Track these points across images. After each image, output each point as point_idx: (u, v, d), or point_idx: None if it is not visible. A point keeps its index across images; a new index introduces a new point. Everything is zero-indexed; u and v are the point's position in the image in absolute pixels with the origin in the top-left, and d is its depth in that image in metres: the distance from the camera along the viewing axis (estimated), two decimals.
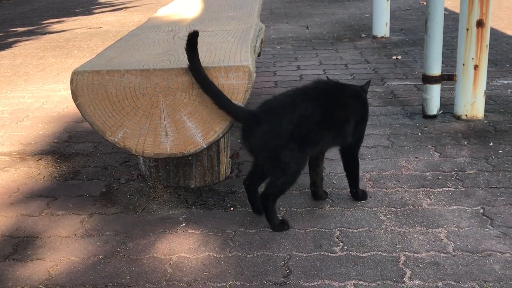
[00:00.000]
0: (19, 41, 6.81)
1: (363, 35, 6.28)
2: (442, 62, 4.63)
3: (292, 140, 2.16)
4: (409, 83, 4.31)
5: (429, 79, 3.42)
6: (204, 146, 2.29)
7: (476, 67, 3.32)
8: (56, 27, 7.84)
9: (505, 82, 4.23)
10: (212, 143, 2.30)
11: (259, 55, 3.63)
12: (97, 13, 9.23)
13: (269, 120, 2.17)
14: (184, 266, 2.04)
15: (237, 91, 2.24)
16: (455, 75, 3.41)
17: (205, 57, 2.36)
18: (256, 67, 5.03)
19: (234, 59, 2.32)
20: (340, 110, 2.28)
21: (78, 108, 2.27)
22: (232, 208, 2.46)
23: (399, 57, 5.17)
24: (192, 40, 2.14)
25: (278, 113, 2.17)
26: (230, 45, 2.60)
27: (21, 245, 2.23)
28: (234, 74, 2.22)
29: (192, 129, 2.26)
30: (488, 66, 4.16)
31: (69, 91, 2.30)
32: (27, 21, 8.48)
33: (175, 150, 2.29)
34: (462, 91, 3.39)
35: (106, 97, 2.25)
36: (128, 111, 2.26)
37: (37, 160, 3.06)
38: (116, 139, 2.28)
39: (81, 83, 2.24)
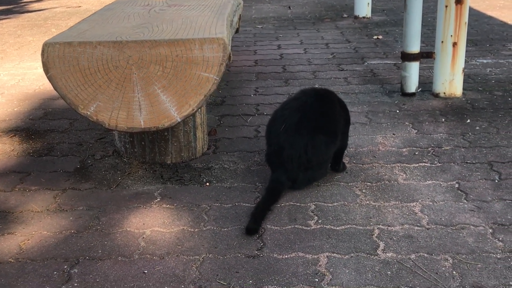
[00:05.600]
0: None
1: (345, 15, 6.25)
2: (423, 42, 4.65)
3: None
4: (389, 62, 4.30)
5: (407, 57, 3.41)
6: (179, 120, 2.26)
7: (454, 44, 3.32)
8: (35, 6, 7.71)
9: (485, 61, 4.24)
10: (187, 117, 2.27)
11: (237, 31, 3.60)
12: None
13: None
14: (157, 240, 2.03)
15: (212, 63, 2.21)
16: (434, 52, 3.40)
17: (180, 30, 2.33)
18: (236, 46, 5.01)
19: (209, 31, 2.29)
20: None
21: (49, 80, 2.23)
22: (208, 184, 2.45)
23: (380, 36, 5.16)
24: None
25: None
26: (206, 18, 2.56)
27: None
28: (209, 47, 2.19)
29: (166, 103, 2.23)
30: (468, 46, 4.17)
31: None
32: (4, 0, 8.32)
33: (149, 124, 2.26)
34: (440, 69, 3.39)
35: (78, 70, 2.21)
36: (100, 84, 2.22)
37: (11, 137, 3.01)
38: (89, 113, 2.25)
39: (52, 55, 2.19)
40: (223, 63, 2.21)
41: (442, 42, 3.34)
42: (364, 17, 5.99)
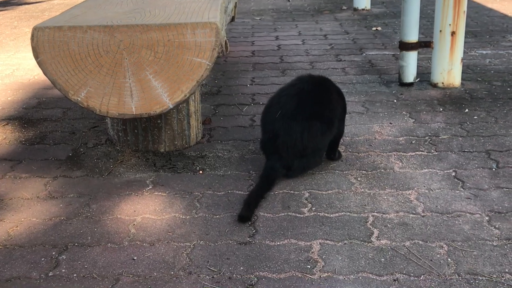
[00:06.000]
0: None
1: (344, 8, 6.21)
2: (422, 34, 4.61)
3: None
4: (387, 53, 4.26)
5: (405, 46, 3.37)
6: (171, 106, 2.23)
7: (453, 33, 3.27)
8: None
9: (484, 52, 4.19)
10: (179, 103, 2.23)
11: (233, 19, 3.56)
12: None
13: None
14: (148, 227, 1.99)
15: (204, 49, 2.17)
16: (432, 42, 3.36)
17: (172, 15, 2.29)
18: (234, 37, 4.97)
19: (202, 16, 2.25)
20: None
21: (39, 66, 2.19)
22: (201, 172, 2.41)
23: (379, 28, 5.11)
24: None
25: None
26: (200, 4, 2.53)
27: None
28: (201, 31, 2.15)
29: (158, 89, 2.20)
30: (467, 37, 4.13)
31: None
32: None
33: (140, 111, 2.23)
34: (438, 58, 3.35)
35: (68, 55, 2.17)
36: (91, 69, 2.18)
37: (4, 125, 2.98)
38: (79, 99, 2.21)
39: (42, 40, 2.16)
40: (216, 48, 2.17)
41: (440, 31, 3.30)
42: (363, 9, 5.94)
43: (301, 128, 2.23)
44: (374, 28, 5.10)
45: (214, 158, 2.53)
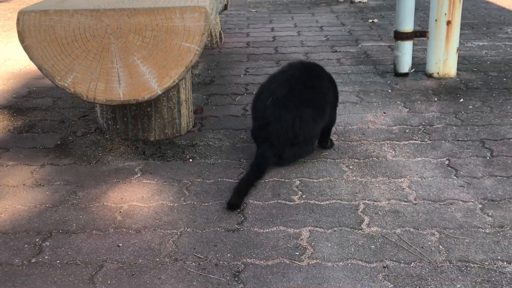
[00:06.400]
0: None
1: (341, 0, 6.16)
2: (418, 25, 4.57)
3: None
4: (383, 44, 4.22)
5: (400, 36, 3.33)
6: (159, 92, 2.19)
7: (448, 23, 3.23)
8: None
9: (480, 43, 4.15)
10: (168, 89, 2.19)
11: (226, 8, 3.51)
12: None
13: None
14: (134, 214, 1.96)
15: (193, 33, 2.13)
16: (428, 31, 3.32)
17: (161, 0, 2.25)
18: (229, 28, 4.92)
19: (191, 0, 2.21)
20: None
21: (25, 50, 2.15)
22: (191, 160, 2.37)
23: (375, 20, 5.07)
24: None
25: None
26: None
27: None
28: (190, 16, 2.11)
29: (146, 74, 2.16)
30: (464, 29, 4.09)
31: None
32: None
33: (128, 97, 2.19)
34: (434, 48, 3.31)
35: (54, 39, 2.13)
36: (78, 54, 2.14)
37: None
38: (66, 84, 2.17)
39: (27, 24, 2.12)
40: (205, 32, 2.13)
41: (436, 20, 3.26)
42: (360, 2, 5.91)
43: (292, 116, 2.20)
44: (370, 20, 5.06)
45: (205, 147, 2.50)
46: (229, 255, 1.72)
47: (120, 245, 1.78)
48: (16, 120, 2.85)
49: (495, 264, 1.65)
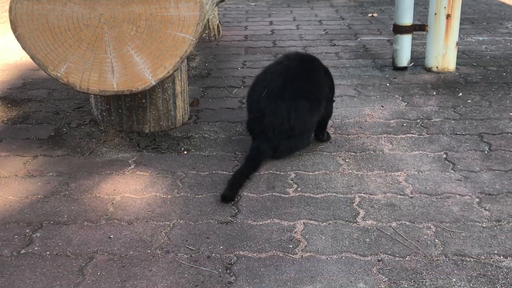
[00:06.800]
0: None
1: None
2: (418, 20, 4.54)
3: None
4: (382, 38, 4.19)
5: (399, 29, 3.30)
6: (154, 83, 2.16)
7: (448, 16, 3.20)
8: None
9: (480, 38, 4.12)
10: (162, 80, 2.17)
11: (223, 0, 3.48)
12: None
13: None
14: (127, 206, 1.93)
15: (188, 23, 2.10)
16: (427, 25, 3.29)
17: None
18: (227, 21, 4.89)
19: None
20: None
21: (17, 40, 2.12)
22: (185, 152, 2.35)
23: (375, 14, 5.04)
24: None
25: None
26: None
27: None
28: (185, 5, 2.08)
29: (140, 65, 2.13)
30: (464, 24, 4.06)
31: None
32: None
33: (122, 87, 2.16)
34: (433, 42, 3.28)
35: (47, 28, 2.10)
36: (71, 44, 2.11)
37: None
38: (59, 74, 2.14)
39: (20, 12, 2.09)
40: (200, 22, 2.10)
41: (435, 14, 3.23)
42: None
43: (287, 107, 2.17)
44: (370, 14, 5.03)
45: (200, 139, 2.47)
46: (221, 247, 1.69)
47: (112, 236, 1.75)
48: (10, 111, 2.82)
49: (491, 258, 1.62)
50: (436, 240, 1.71)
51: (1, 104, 2.93)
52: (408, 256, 1.64)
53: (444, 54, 3.28)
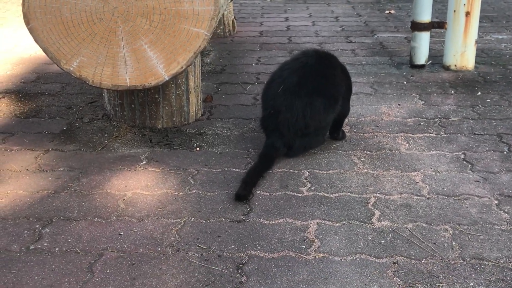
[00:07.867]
0: None
1: None
2: (436, 17, 4.46)
3: None
4: (399, 35, 4.13)
5: (418, 26, 3.24)
6: (167, 78, 2.13)
7: (467, 14, 3.14)
8: None
9: (500, 37, 4.05)
10: (175, 75, 2.13)
11: None
12: None
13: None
14: (138, 202, 1.90)
15: (202, 18, 2.06)
16: (446, 22, 3.23)
17: None
18: (242, 17, 4.85)
19: None
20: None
21: (30, 33, 2.10)
22: (198, 149, 2.32)
23: (392, 11, 4.97)
24: None
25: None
26: None
27: None
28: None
29: (154, 59, 2.10)
30: (483, 22, 3.98)
31: None
32: None
33: (135, 82, 2.13)
34: (452, 40, 3.21)
35: (60, 21, 2.08)
36: (84, 38, 2.09)
37: (0, 99, 2.90)
38: (72, 68, 2.12)
39: (33, 5, 2.07)
40: (215, 17, 2.07)
41: (454, 11, 3.16)
42: None
43: (303, 104, 2.13)
44: (387, 11, 4.96)
45: (213, 136, 2.44)
46: (233, 246, 1.66)
47: (122, 233, 1.73)
48: (23, 105, 2.81)
49: (510, 262, 1.57)
50: (454, 243, 1.66)
51: (14, 97, 2.92)
52: (424, 259, 1.59)
53: (462, 52, 3.22)
